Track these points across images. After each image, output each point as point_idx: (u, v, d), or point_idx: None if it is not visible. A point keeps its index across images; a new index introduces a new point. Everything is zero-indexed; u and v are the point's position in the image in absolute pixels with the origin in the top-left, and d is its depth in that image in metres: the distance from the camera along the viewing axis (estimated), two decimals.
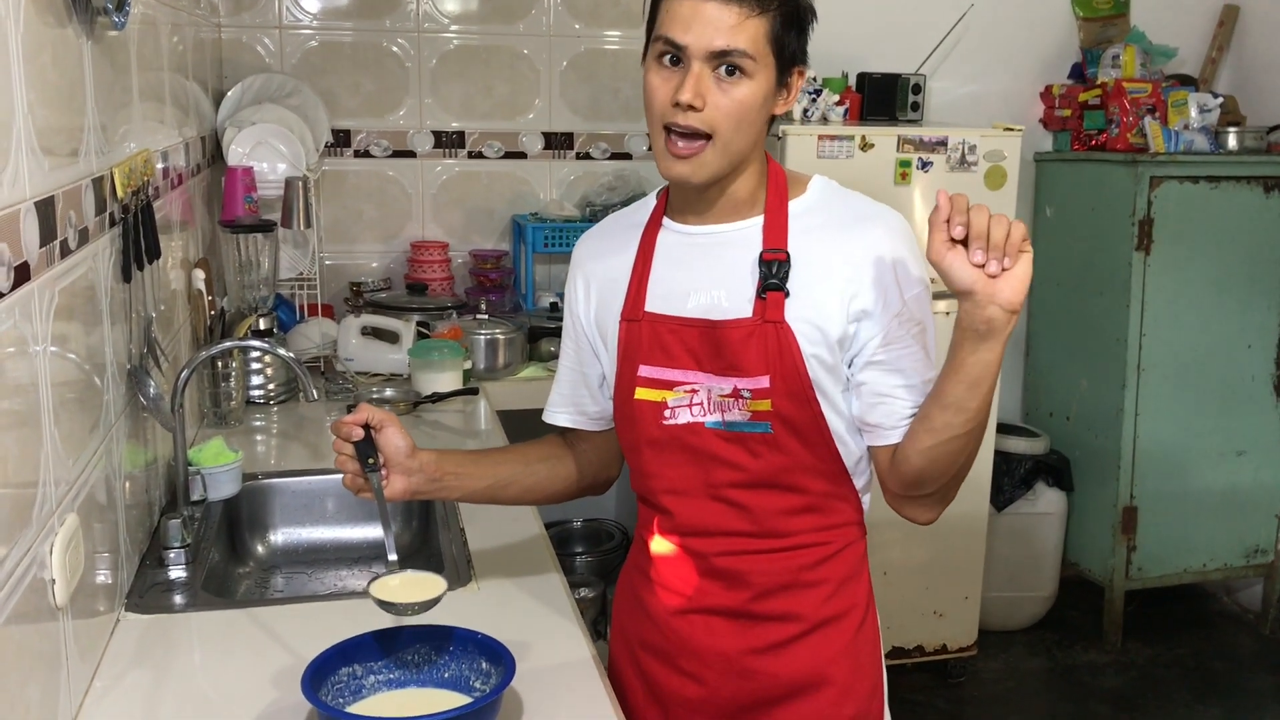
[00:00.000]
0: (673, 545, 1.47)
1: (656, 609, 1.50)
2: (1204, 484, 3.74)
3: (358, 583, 2.07)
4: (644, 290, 1.44)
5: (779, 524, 1.41)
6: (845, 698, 1.46)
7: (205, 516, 1.96)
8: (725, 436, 1.39)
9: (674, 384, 1.41)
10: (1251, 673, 3.66)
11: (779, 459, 1.39)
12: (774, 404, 1.36)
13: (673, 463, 1.43)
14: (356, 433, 1.45)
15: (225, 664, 1.51)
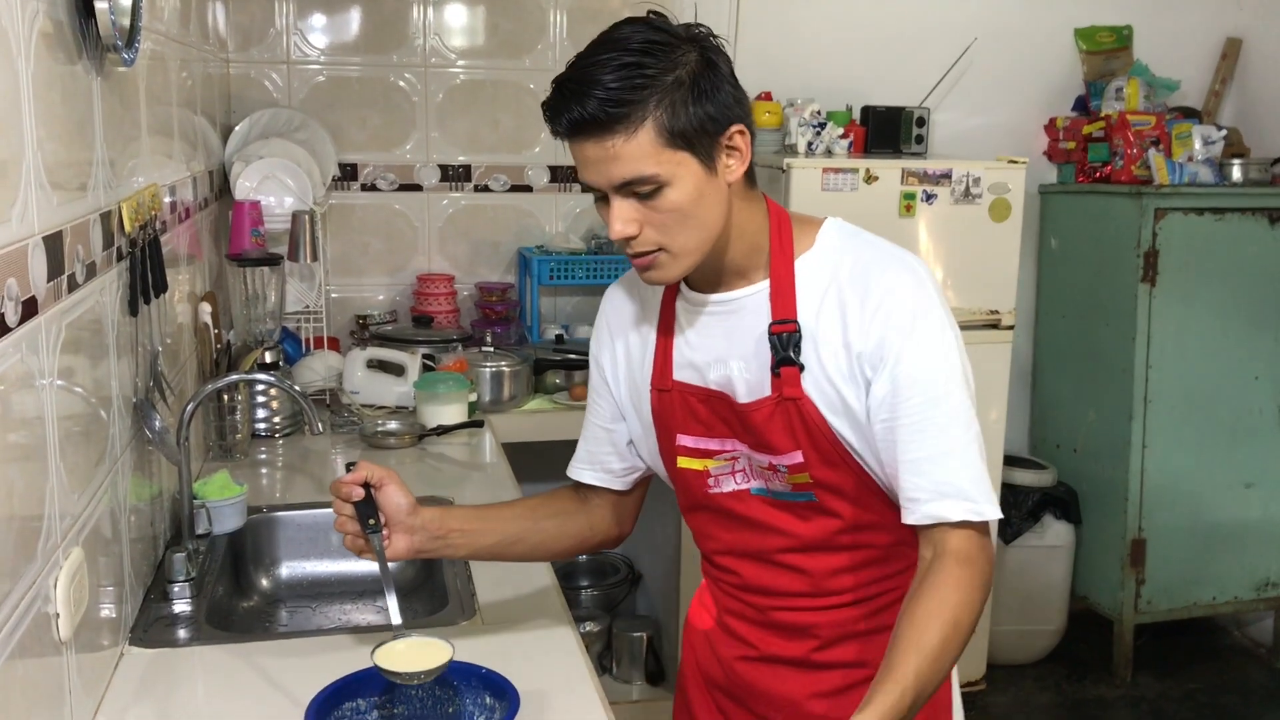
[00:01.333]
0: (733, 599, 1.46)
1: (724, 653, 1.49)
2: (1213, 516, 3.72)
3: (362, 617, 2.06)
4: (670, 359, 1.40)
5: (837, 583, 1.38)
6: None
7: (210, 550, 1.96)
8: (772, 504, 1.37)
9: (714, 453, 1.38)
10: (1263, 707, 3.63)
11: (831, 523, 1.35)
12: (812, 475, 1.32)
13: (726, 527, 1.41)
14: (356, 493, 1.41)
15: (229, 699, 1.50)
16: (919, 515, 1.26)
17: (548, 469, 3.51)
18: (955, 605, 1.20)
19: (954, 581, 1.22)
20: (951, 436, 1.25)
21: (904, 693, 1.13)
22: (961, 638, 1.19)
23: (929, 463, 1.25)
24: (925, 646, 1.16)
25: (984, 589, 1.24)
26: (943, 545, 1.25)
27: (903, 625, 1.20)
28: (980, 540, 1.26)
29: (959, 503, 1.24)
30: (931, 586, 1.22)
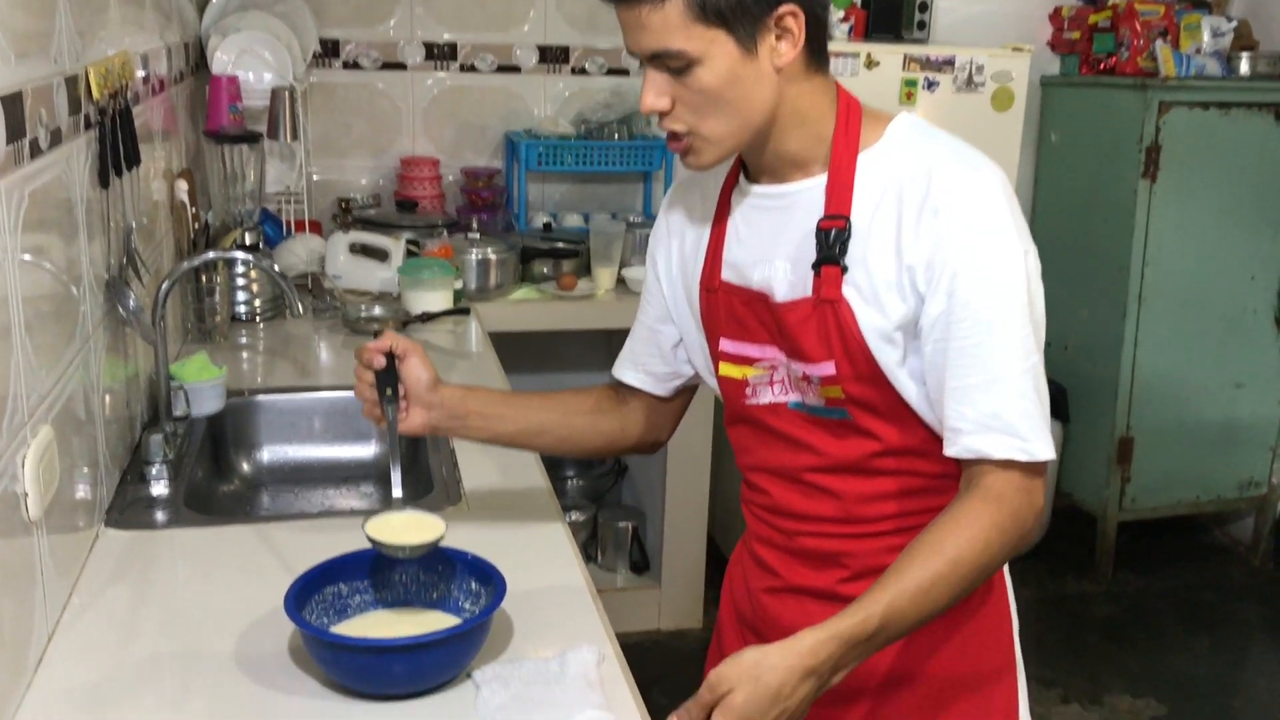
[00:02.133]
0: (764, 522, 1.37)
1: (753, 585, 1.40)
2: (1201, 416, 3.72)
3: (345, 502, 2.03)
4: (720, 257, 1.31)
5: (872, 509, 1.27)
6: (955, 690, 1.31)
7: (188, 433, 1.92)
8: (807, 419, 1.26)
9: (753, 360, 1.29)
10: (1240, 603, 3.68)
11: (867, 444, 1.24)
12: (845, 390, 1.21)
13: (760, 440, 1.32)
14: (378, 360, 1.38)
15: (208, 581, 1.47)
16: (959, 448, 1.16)
17: (535, 360, 3.49)
18: (962, 542, 1.10)
19: (970, 518, 1.12)
20: (1004, 365, 1.13)
21: (867, 619, 1.06)
22: (962, 577, 1.10)
23: (977, 391, 1.14)
24: (909, 580, 1.09)
25: (1010, 532, 1.13)
26: (977, 480, 1.15)
27: (904, 551, 1.12)
28: (1022, 481, 1.14)
29: (1005, 439, 1.13)
30: (945, 519, 1.13)
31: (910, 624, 1.09)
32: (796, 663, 1.02)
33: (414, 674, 1.20)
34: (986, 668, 1.32)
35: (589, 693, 1.22)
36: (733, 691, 1.01)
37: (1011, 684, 1.34)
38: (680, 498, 3.22)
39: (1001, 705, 1.33)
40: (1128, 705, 3.07)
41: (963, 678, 1.30)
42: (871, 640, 1.06)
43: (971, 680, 1.31)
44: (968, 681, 1.31)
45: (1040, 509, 1.16)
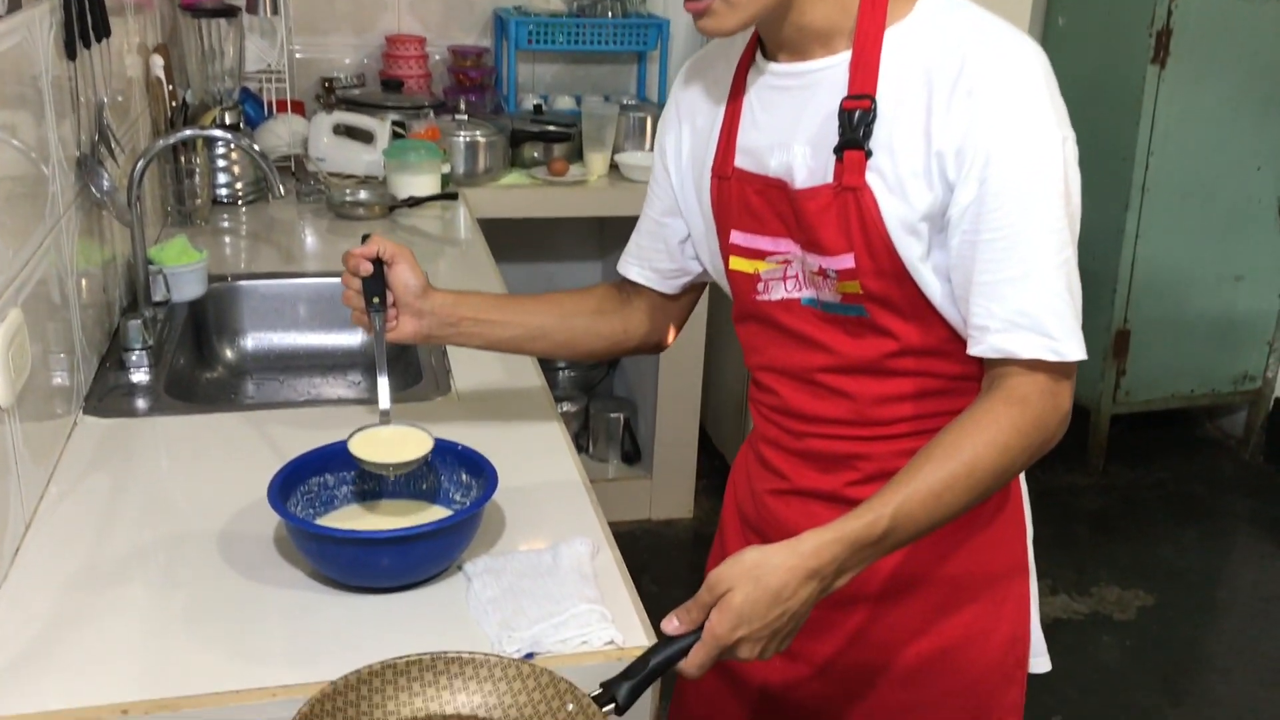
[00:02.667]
0: (771, 423, 1.30)
1: (757, 487, 1.35)
2: (1199, 309, 3.68)
3: (333, 391, 1.99)
4: (733, 142, 1.22)
5: (886, 411, 1.20)
6: (965, 593, 1.26)
7: (169, 319, 1.87)
8: (821, 316, 1.20)
9: (765, 254, 1.21)
10: (1230, 497, 3.69)
11: (884, 343, 1.17)
12: (863, 285, 1.14)
13: (770, 339, 1.25)
14: (364, 267, 1.31)
15: (191, 470, 1.44)
16: (985, 347, 1.08)
17: (526, 248, 3.42)
18: (980, 446, 1.04)
19: (990, 420, 1.06)
20: (1037, 259, 1.06)
21: (876, 521, 1.01)
22: (978, 481, 1.05)
23: (1007, 286, 1.06)
24: (921, 483, 1.03)
25: (1032, 437, 1.07)
26: (1000, 381, 1.09)
27: (919, 452, 1.07)
28: (1048, 384, 1.08)
29: (1034, 337, 1.06)
30: (963, 421, 1.07)
31: (920, 529, 1.04)
32: (799, 564, 0.98)
33: (403, 566, 1.17)
34: (999, 572, 1.28)
35: (583, 586, 1.19)
36: (731, 591, 0.97)
37: (1024, 588, 1.30)
38: (672, 389, 3.19)
39: (1012, 610, 1.30)
40: (1115, 596, 3.10)
41: (974, 581, 1.27)
42: (879, 544, 1.02)
43: (983, 583, 1.27)
44: (979, 585, 1.27)
45: (1066, 413, 1.09)
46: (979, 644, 1.28)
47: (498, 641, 1.11)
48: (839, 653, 1.29)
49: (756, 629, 0.97)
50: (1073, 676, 2.77)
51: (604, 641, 1.12)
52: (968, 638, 1.27)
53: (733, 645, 0.97)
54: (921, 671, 1.28)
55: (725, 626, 0.96)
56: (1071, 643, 2.90)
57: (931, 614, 1.26)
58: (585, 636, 1.12)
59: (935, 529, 1.06)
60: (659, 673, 0.98)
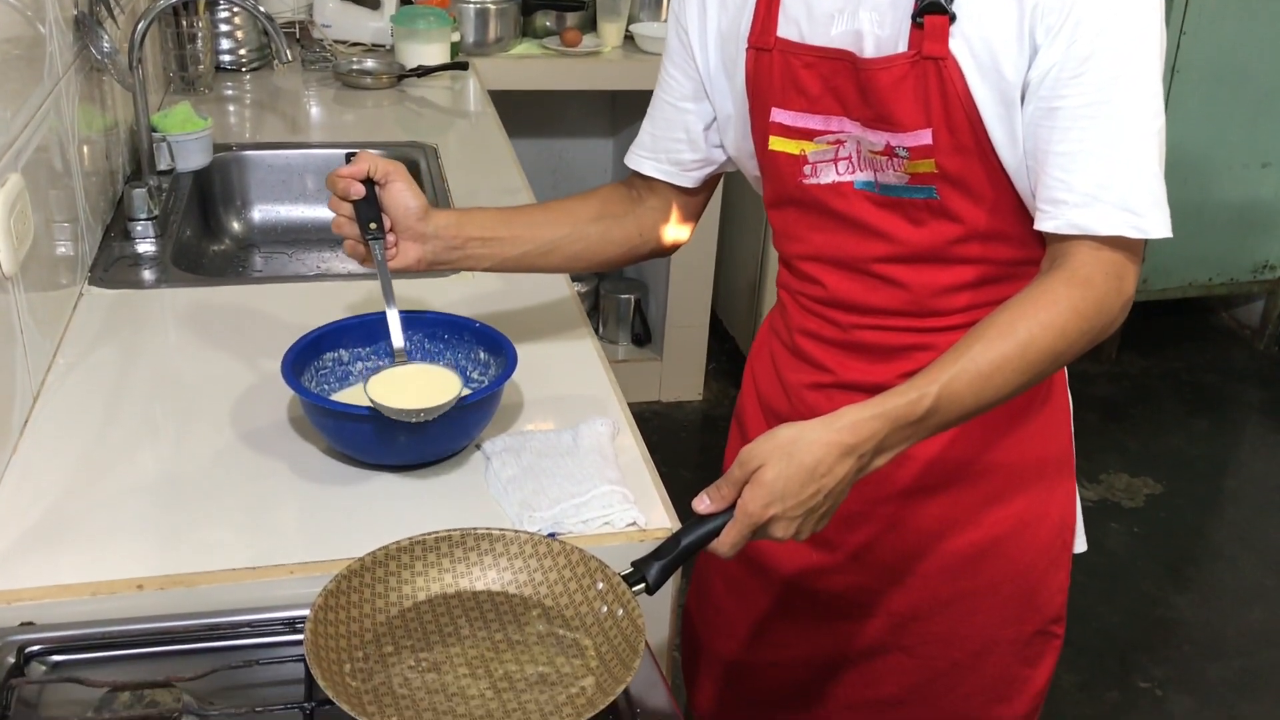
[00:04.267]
0: (812, 314, 1.22)
1: (791, 379, 1.27)
2: (1223, 196, 3.60)
3: (343, 265, 1.95)
4: (775, 9, 1.11)
5: (943, 302, 1.14)
6: (1011, 489, 1.22)
7: (174, 188, 1.82)
8: (878, 201, 1.11)
9: (814, 133, 1.11)
10: (1241, 386, 3.67)
11: (949, 229, 1.09)
12: (939, 163, 1.05)
13: (816, 227, 1.16)
14: (355, 189, 1.16)
15: (201, 344, 1.40)
16: (1060, 222, 1.01)
17: (536, 122, 3.33)
18: (1036, 327, 0.98)
19: (1049, 300, 0.99)
20: (1126, 128, 0.98)
21: (920, 399, 0.95)
22: (1030, 364, 0.98)
23: (1090, 157, 0.98)
24: (971, 362, 0.96)
25: (1092, 320, 1.00)
26: (1065, 260, 1.01)
27: (970, 331, 1.00)
28: (1116, 265, 1.00)
29: (1115, 212, 0.99)
30: (1020, 300, 1.00)
31: (967, 410, 0.99)
32: (835, 439, 0.93)
33: (421, 445, 1.15)
34: (1049, 459, 1.25)
35: (604, 466, 1.17)
36: (764, 467, 0.93)
37: (1070, 473, 1.27)
38: (684, 271, 3.14)
39: (1061, 496, 1.27)
40: (1124, 484, 3.10)
41: (1025, 470, 1.23)
42: (921, 423, 0.97)
43: (1034, 471, 1.23)
44: (1030, 474, 1.23)
45: (1129, 299, 1.03)
46: (1030, 532, 1.25)
47: (518, 521, 1.09)
48: (875, 540, 1.26)
49: (790, 507, 0.93)
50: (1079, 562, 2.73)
51: (626, 523, 1.10)
52: (1019, 527, 1.24)
53: (766, 524, 0.94)
54: (970, 561, 1.25)
55: (758, 504, 0.93)
56: None
57: (981, 504, 1.23)
58: (607, 517, 1.10)
59: (981, 412, 1.01)
60: (691, 553, 0.95)
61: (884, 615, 1.29)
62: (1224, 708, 2.37)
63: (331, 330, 1.24)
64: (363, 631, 0.92)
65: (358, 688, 0.87)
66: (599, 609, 0.94)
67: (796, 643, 1.35)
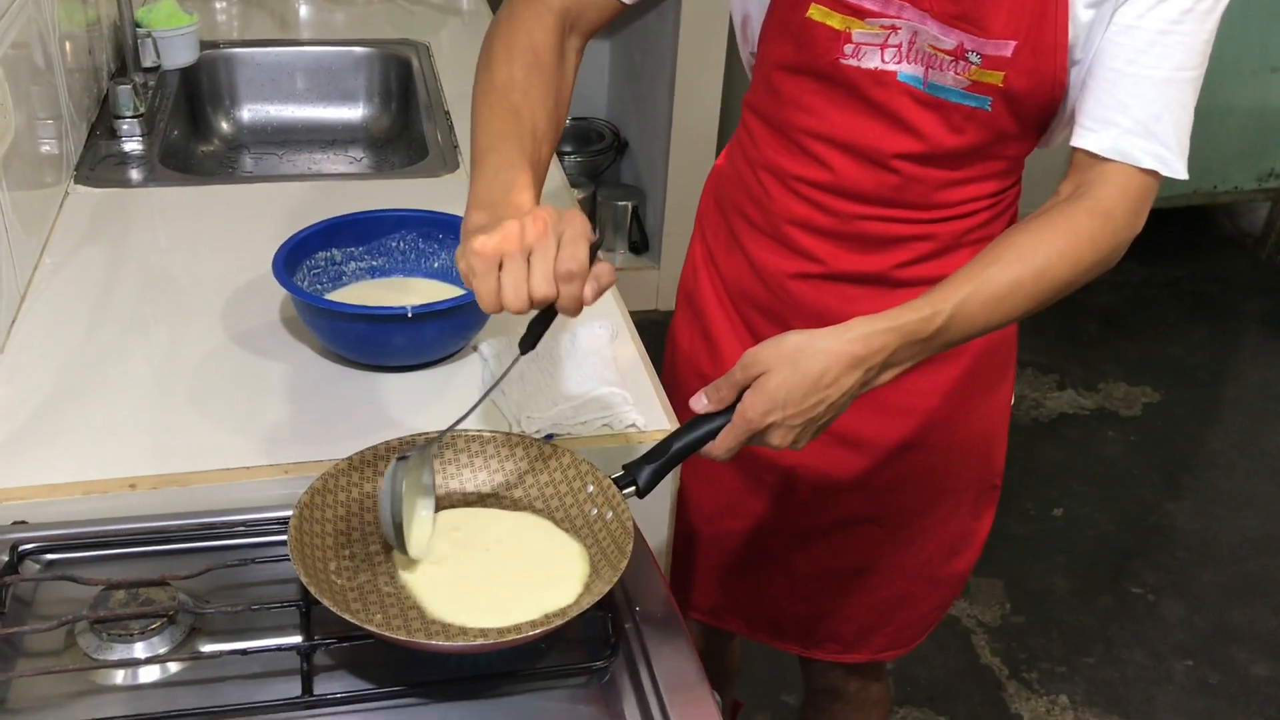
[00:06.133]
0: (807, 201, 1.17)
1: (771, 268, 1.23)
2: (1230, 102, 3.55)
3: (334, 166, 1.92)
4: None
5: (948, 195, 1.13)
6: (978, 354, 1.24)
7: (160, 86, 1.78)
8: (921, 99, 1.07)
9: (867, 13, 1.04)
10: (1243, 296, 3.66)
11: (983, 137, 1.08)
12: (1007, 79, 1.03)
13: (840, 108, 1.10)
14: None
15: (191, 244, 1.38)
16: (1104, 145, 1.00)
17: None
18: (1054, 254, 0.97)
19: (1069, 229, 0.98)
20: (1189, 64, 0.98)
21: (933, 316, 0.94)
22: (1043, 290, 0.98)
23: (1152, 86, 0.98)
24: (987, 283, 0.96)
25: (1105, 253, 1.00)
26: (1090, 188, 1.00)
27: (984, 251, 0.99)
28: (1139, 200, 1.01)
29: (1155, 146, 0.99)
30: (1041, 224, 0.99)
31: (975, 331, 0.98)
32: (844, 349, 0.91)
33: (416, 345, 1.14)
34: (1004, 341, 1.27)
35: (602, 369, 1.15)
36: (768, 374, 0.91)
37: (1013, 359, 1.32)
38: (683, 175, 3.10)
39: (1011, 361, 1.32)
40: (1122, 392, 3.10)
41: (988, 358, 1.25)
42: (930, 340, 0.95)
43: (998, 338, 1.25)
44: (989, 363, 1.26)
45: (1137, 233, 1.03)
46: (994, 396, 1.29)
47: (515, 423, 1.08)
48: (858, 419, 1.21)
49: (790, 415, 0.92)
50: (1076, 470, 2.79)
51: (625, 425, 1.09)
52: (985, 393, 1.28)
53: (763, 431, 0.93)
54: (945, 432, 1.27)
55: (758, 410, 0.91)
56: (1076, 437, 2.92)
57: (955, 375, 1.25)
58: (606, 419, 1.09)
59: (986, 333, 1.01)
60: (683, 456, 0.94)
61: (865, 490, 1.31)
62: (1216, 613, 2.40)
63: (323, 228, 1.22)
64: (349, 530, 0.91)
65: (343, 585, 0.86)
66: (589, 511, 0.93)
67: (764, 514, 1.37)
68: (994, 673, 2.23)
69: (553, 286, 0.82)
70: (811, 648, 1.45)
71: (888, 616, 1.41)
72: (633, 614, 0.88)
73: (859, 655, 1.44)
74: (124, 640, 0.83)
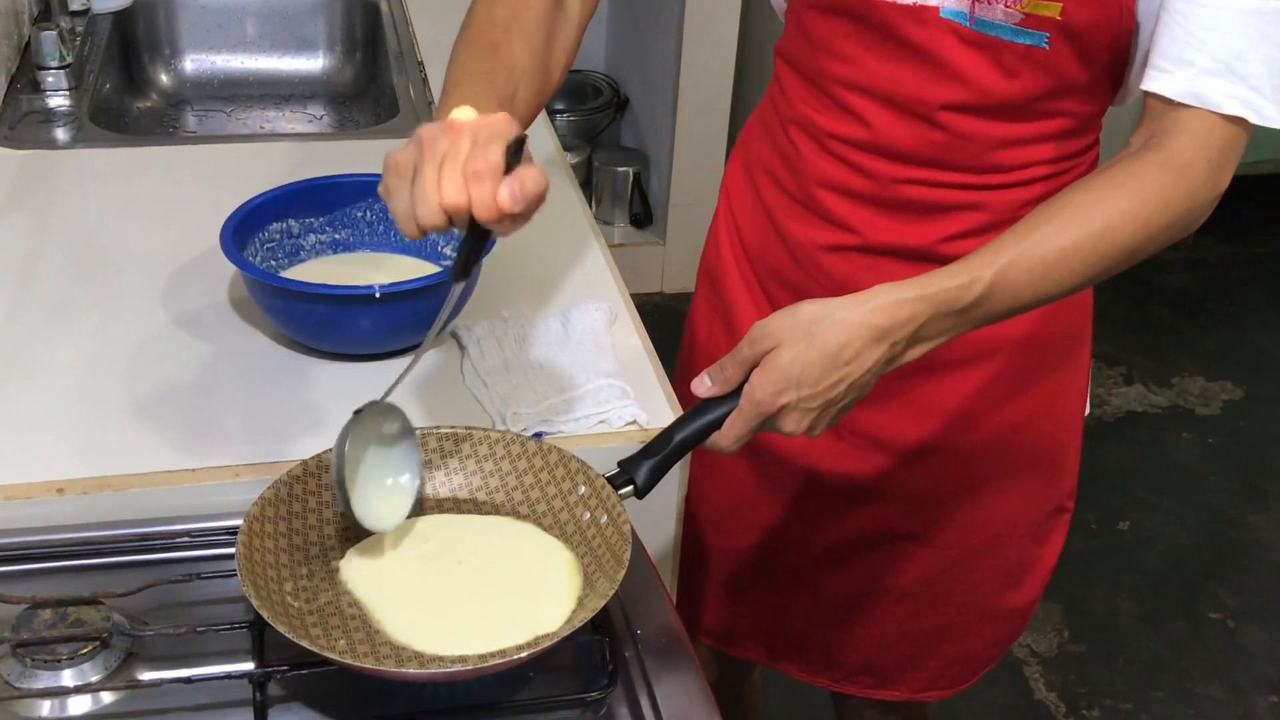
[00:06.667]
0: (842, 161, 1.17)
1: (800, 237, 1.23)
2: None
3: (289, 125, 1.94)
4: None
5: (1005, 156, 1.13)
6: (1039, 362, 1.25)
7: (90, 32, 1.81)
8: (968, 38, 1.06)
9: None
10: None
11: (1042, 83, 1.08)
12: (1066, 10, 1.02)
13: (875, 52, 1.11)
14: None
15: (127, 213, 1.40)
16: (1178, 88, 0.98)
17: None
18: (1116, 214, 0.96)
19: (1137, 185, 0.97)
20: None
21: (971, 284, 0.93)
22: (1104, 256, 0.97)
23: (1235, 18, 0.97)
24: (1035, 247, 0.95)
25: (1180, 214, 0.98)
26: (1164, 139, 0.99)
27: (1036, 211, 0.99)
28: (1221, 153, 0.99)
29: (1239, 88, 0.97)
30: (1107, 180, 0.99)
31: (1022, 303, 0.98)
32: (867, 319, 0.91)
33: (385, 329, 1.15)
34: (1072, 330, 1.27)
35: (598, 357, 1.16)
36: (779, 348, 0.91)
37: (1089, 347, 1.31)
38: (691, 137, 3.12)
39: (1082, 370, 1.31)
40: (1199, 388, 3.11)
41: (1050, 342, 1.25)
42: (967, 312, 0.95)
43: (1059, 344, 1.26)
44: (1055, 347, 1.26)
45: (1220, 193, 1.01)
46: (1058, 407, 1.30)
47: (499, 419, 1.09)
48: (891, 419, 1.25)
49: (805, 396, 0.91)
50: (1145, 476, 2.81)
51: (625, 421, 1.11)
52: (1048, 404, 1.28)
53: (775, 414, 0.93)
54: (1000, 441, 1.28)
55: (768, 390, 0.91)
56: (1146, 439, 2.94)
57: (1010, 379, 1.25)
58: (603, 414, 1.10)
59: (1035, 307, 1.00)
60: (686, 448, 0.94)
61: (900, 500, 1.31)
62: None
63: (278, 196, 1.23)
64: (307, 545, 0.92)
65: (300, 608, 0.87)
66: (581, 516, 0.94)
67: (784, 524, 1.37)
68: (1049, 709, 2.25)
69: (463, 192, 0.81)
70: (842, 680, 1.45)
71: (930, 649, 1.40)
72: (633, 637, 0.89)
73: (896, 693, 1.44)
74: (50, 667, 0.84)
